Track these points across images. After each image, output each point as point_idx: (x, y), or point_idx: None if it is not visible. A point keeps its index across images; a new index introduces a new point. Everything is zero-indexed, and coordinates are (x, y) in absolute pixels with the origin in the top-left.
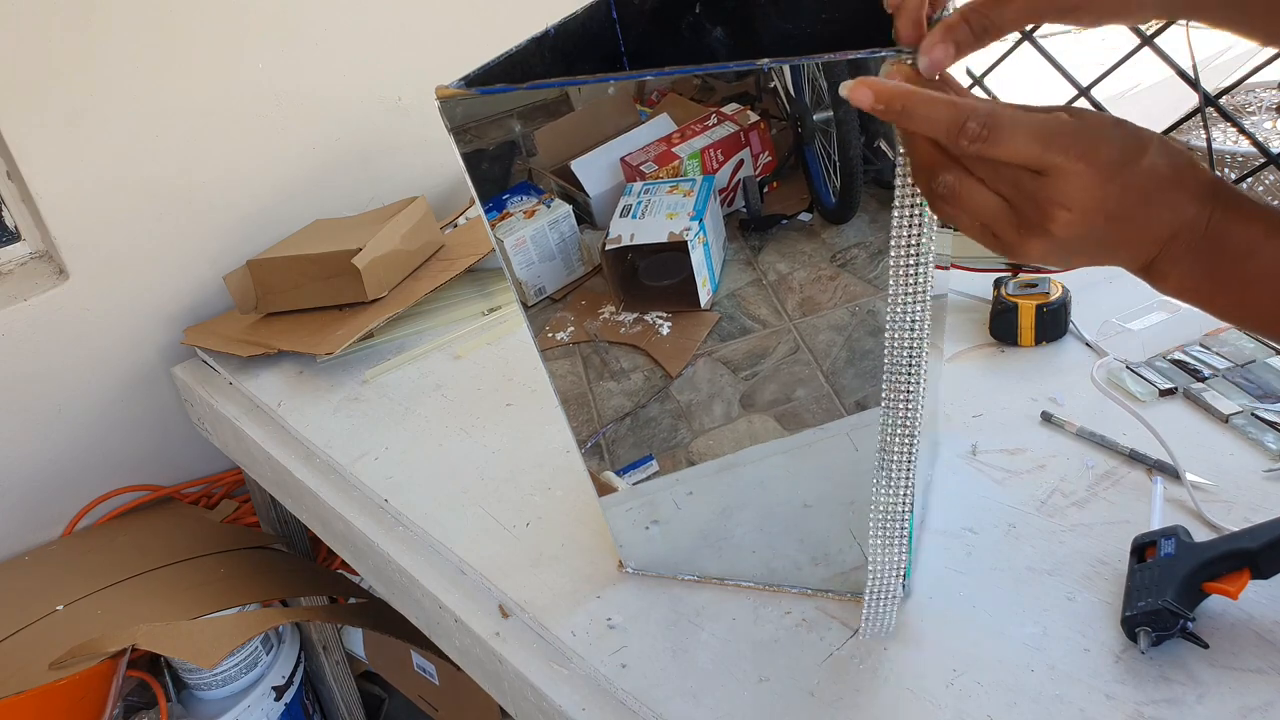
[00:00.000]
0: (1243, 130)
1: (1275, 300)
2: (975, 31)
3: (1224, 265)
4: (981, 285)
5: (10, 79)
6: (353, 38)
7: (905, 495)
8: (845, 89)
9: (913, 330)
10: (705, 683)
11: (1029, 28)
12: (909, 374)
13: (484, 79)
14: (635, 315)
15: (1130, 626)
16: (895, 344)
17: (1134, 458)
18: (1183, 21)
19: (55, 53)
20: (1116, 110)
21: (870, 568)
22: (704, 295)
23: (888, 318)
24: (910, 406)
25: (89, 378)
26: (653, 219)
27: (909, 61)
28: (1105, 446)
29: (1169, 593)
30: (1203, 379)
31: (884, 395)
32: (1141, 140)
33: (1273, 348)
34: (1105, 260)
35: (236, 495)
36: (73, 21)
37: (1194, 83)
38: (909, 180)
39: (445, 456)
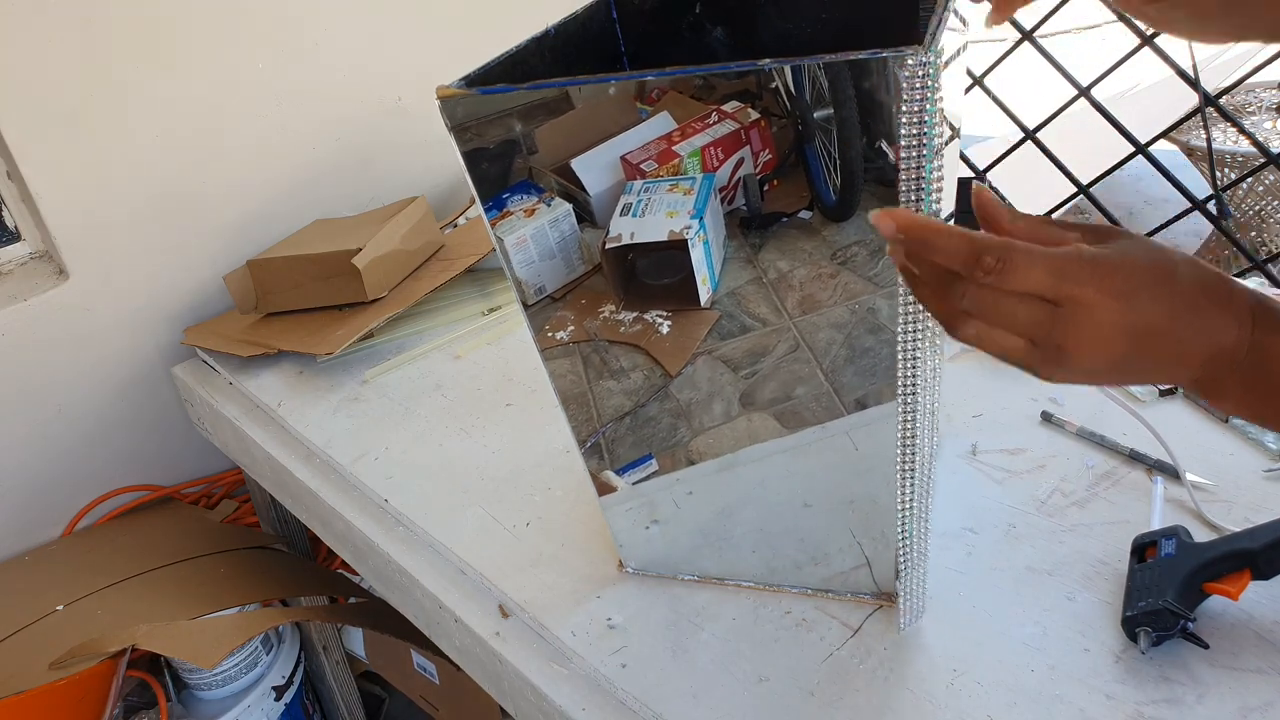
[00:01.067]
0: (1243, 130)
1: None
2: None
3: (1268, 382)
4: None
5: (10, 79)
6: (353, 38)
7: (928, 489)
8: (873, 217)
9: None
10: (705, 683)
11: (1029, 28)
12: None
13: (484, 79)
14: (635, 314)
15: (1130, 626)
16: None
17: (1134, 458)
18: None
19: (55, 53)
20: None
21: (901, 561)
22: (704, 294)
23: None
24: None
25: (89, 377)
26: (653, 217)
27: (910, 62)
28: (1105, 446)
29: (1169, 593)
30: None
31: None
32: (1167, 263)
33: None
34: (1144, 381)
35: (236, 495)
36: (73, 21)
37: (1194, 83)
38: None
39: (445, 456)
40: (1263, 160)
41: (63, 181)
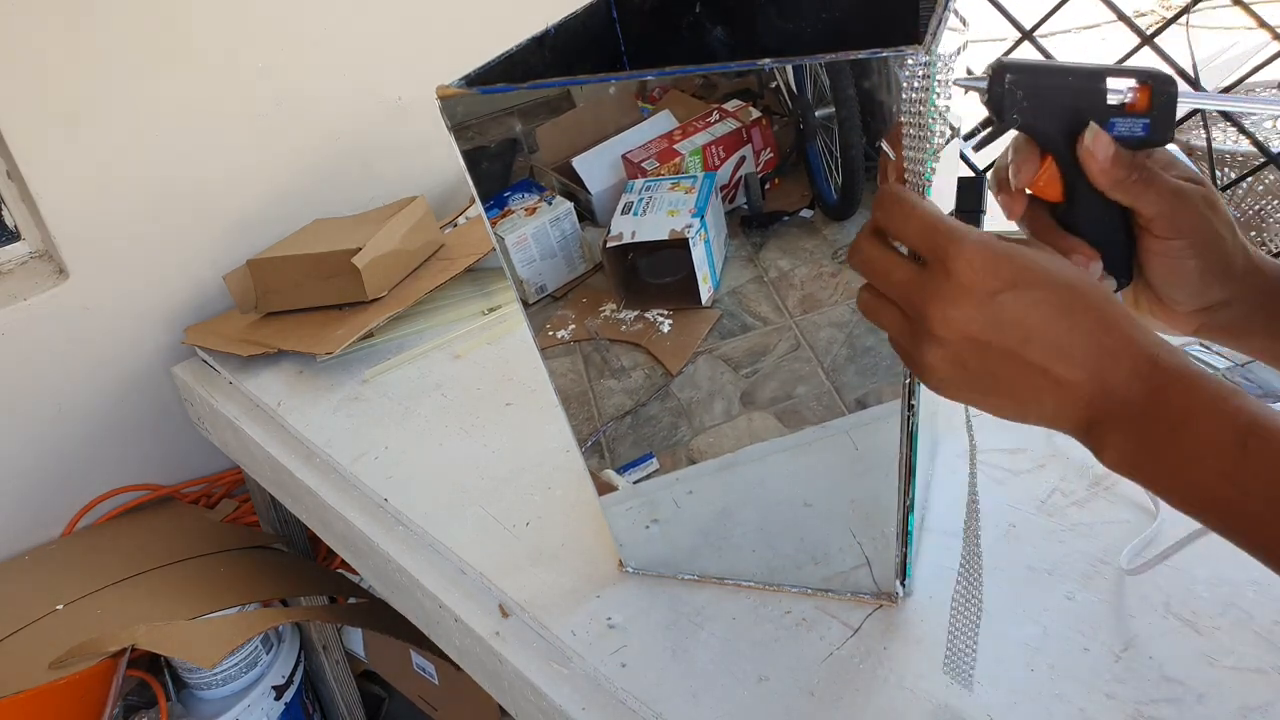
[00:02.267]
0: (1243, 130)
1: (1215, 479)
2: (1119, 168)
3: (1163, 435)
4: None
5: (10, 79)
6: (353, 38)
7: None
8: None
9: None
10: (705, 682)
11: (1029, 27)
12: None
13: (484, 78)
14: (636, 313)
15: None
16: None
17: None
18: (1183, 21)
19: (55, 53)
20: None
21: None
22: (705, 292)
23: None
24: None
25: (89, 377)
26: (654, 216)
27: (910, 62)
28: None
29: None
30: None
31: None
32: (1074, 281)
33: None
34: (1025, 407)
35: (236, 495)
36: (73, 21)
37: (1194, 82)
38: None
39: (445, 456)
40: (1263, 160)
41: (63, 181)
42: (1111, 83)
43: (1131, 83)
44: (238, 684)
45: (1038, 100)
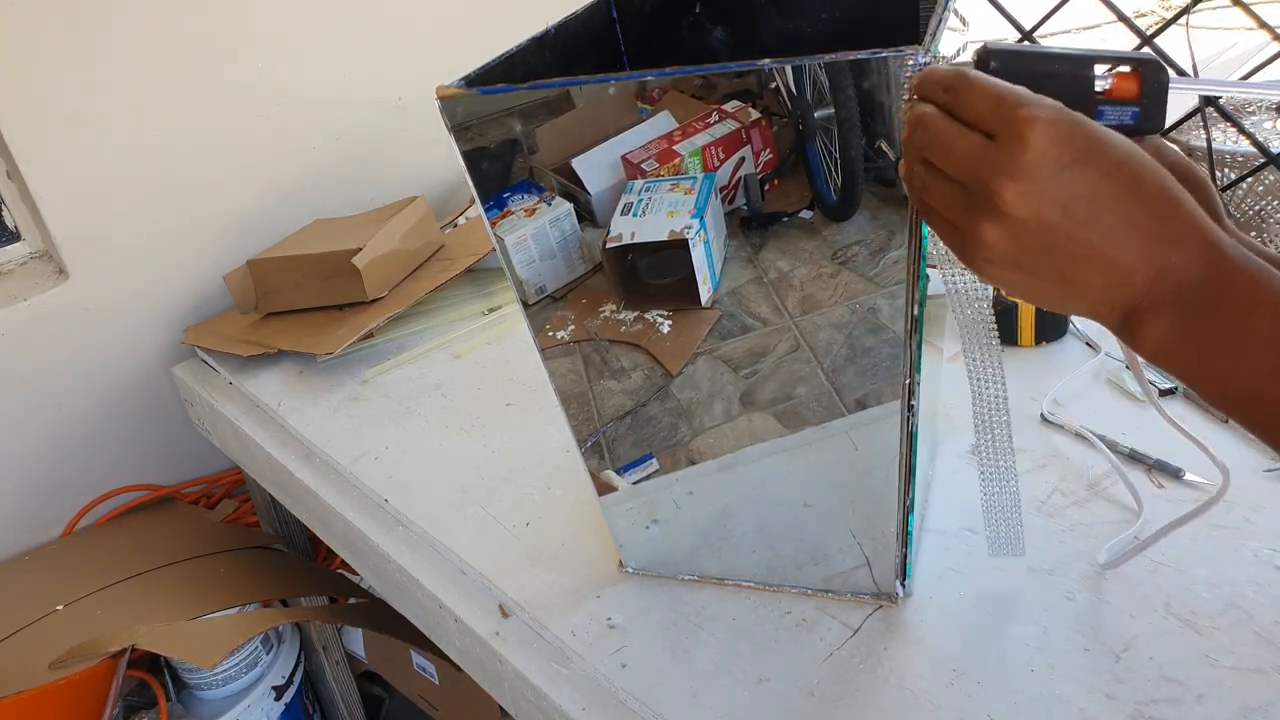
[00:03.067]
0: (1243, 130)
1: (1266, 375)
2: None
3: (1218, 324)
4: None
5: (10, 79)
6: (353, 38)
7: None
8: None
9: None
10: (705, 683)
11: (1029, 27)
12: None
13: (484, 78)
14: (636, 313)
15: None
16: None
17: (1134, 458)
18: (1183, 21)
19: (55, 53)
20: None
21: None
22: (704, 293)
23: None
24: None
25: (89, 378)
26: (653, 217)
27: (910, 62)
28: (1105, 446)
29: None
30: None
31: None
32: (1141, 154)
33: None
34: (1072, 289)
35: (236, 495)
36: (73, 21)
37: None
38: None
39: (445, 456)
40: (1263, 160)
41: (63, 181)
42: (1100, 69)
43: (1122, 69)
44: (238, 684)
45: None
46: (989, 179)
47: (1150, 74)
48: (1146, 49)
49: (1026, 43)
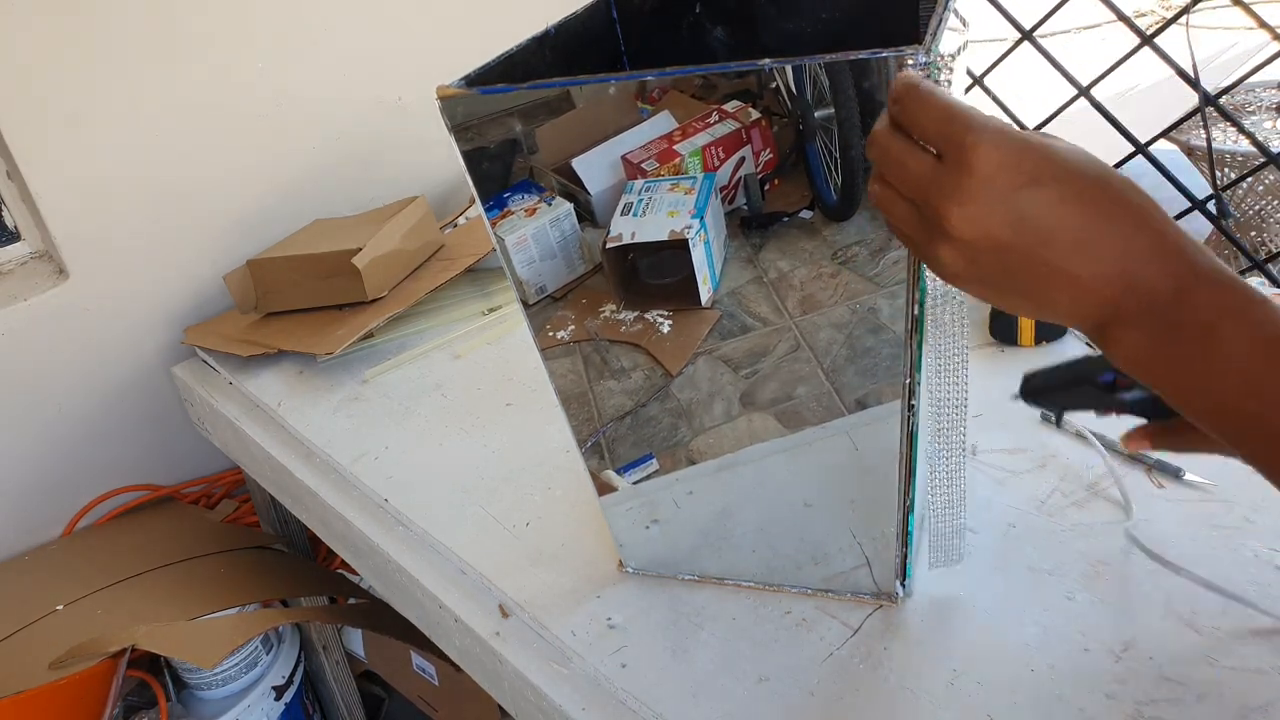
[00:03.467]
0: (1243, 130)
1: (1238, 390)
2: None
3: (1186, 341)
4: None
5: (10, 79)
6: (353, 38)
7: (928, 489)
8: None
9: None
10: (705, 683)
11: (1029, 27)
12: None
13: (484, 78)
14: (636, 313)
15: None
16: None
17: (1134, 458)
18: (1183, 21)
19: (55, 53)
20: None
21: (931, 494)
22: (704, 293)
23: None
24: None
25: (89, 378)
26: (653, 217)
27: (910, 62)
28: (1105, 446)
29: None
30: None
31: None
32: (1098, 169)
33: None
34: (1039, 304)
35: (236, 495)
36: (73, 21)
37: (1194, 82)
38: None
39: (445, 456)
40: (1263, 160)
41: (63, 181)
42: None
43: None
44: (238, 684)
45: (1066, 403)
46: (937, 203)
47: None
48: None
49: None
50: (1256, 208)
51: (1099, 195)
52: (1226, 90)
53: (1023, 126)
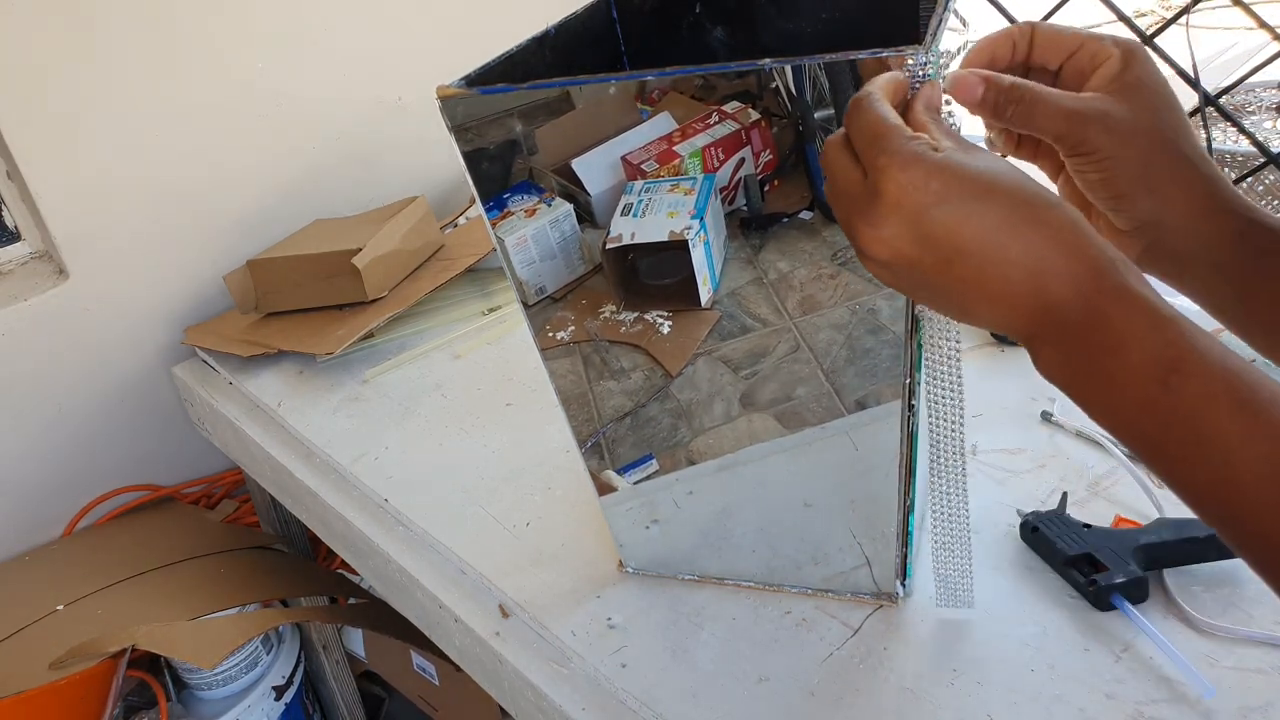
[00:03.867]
0: (1243, 130)
1: (1138, 411)
2: (995, 104)
3: (1090, 357)
4: None
5: (10, 79)
6: (353, 38)
7: (928, 489)
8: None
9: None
10: (705, 683)
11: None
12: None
13: (485, 78)
14: (635, 314)
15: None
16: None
17: (1134, 458)
18: (1183, 21)
19: (55, 52)
20: None
21: (934, 541)
22: (704, 294)
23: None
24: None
25: (89, 378)
26: (653, 218)
27: (910, 62)
28: (1105, 446)
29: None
30: None
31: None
32: (1017, 183)
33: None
34: (966, 315)
35: (236, 495)
36: (73, 21)
37: (1194, 82)
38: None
39: (445, 456)
40: (1263, 160)
41: (63, 181)
42: None
43: None
44: (238, 684)
45: None
46: (851, 220)
47: None
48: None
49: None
50: None
51: (1011, 213)
52: (1226, 90)
53: None
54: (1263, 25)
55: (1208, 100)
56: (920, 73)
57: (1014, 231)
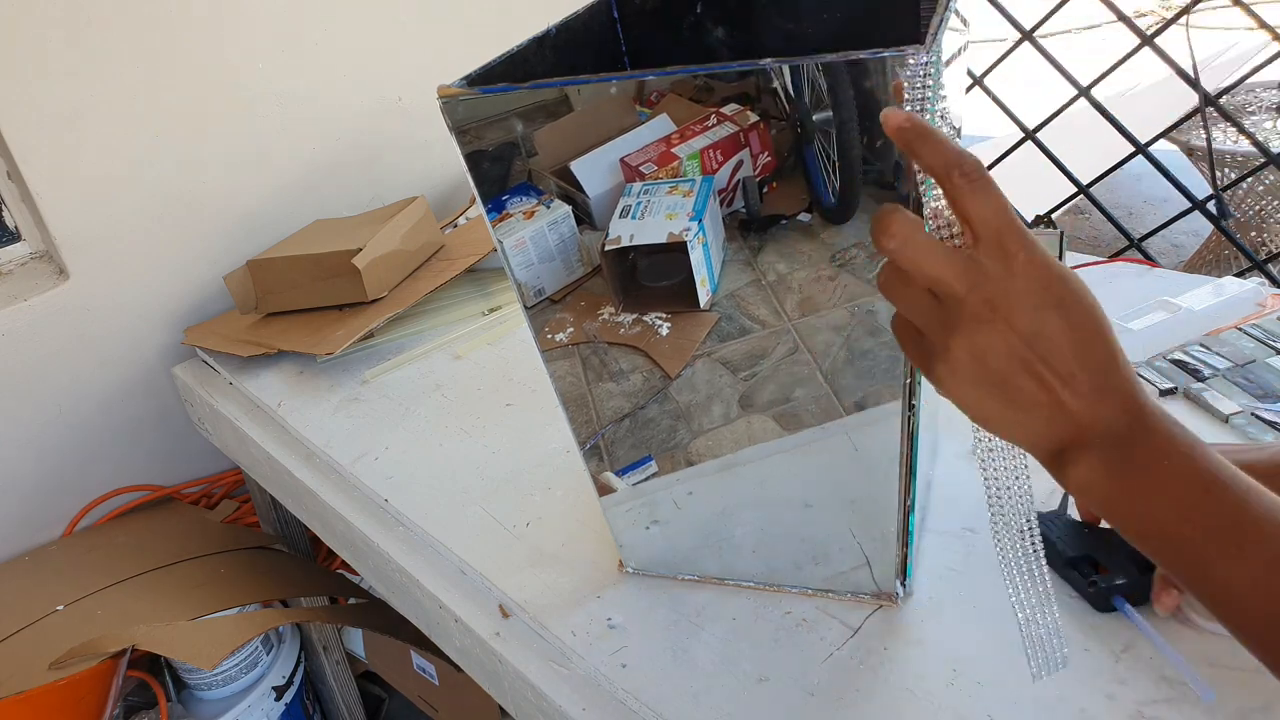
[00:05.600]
0: (1243, 130)
1: (1176, 517)
2: None
3: (1135, 469)
4: None
5: (10, 79)
6: (353, 38)
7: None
8: (884, 113)
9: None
10: (705, 683)
11: (1029, 27)
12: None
13: (485, 78)
14: (634, 316)
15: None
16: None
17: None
18: (1183, 21)
19: (55, 52)
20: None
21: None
22: (703, 296)
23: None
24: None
25: (89, 377)
26: (652, 219)
27: (911, 57)
28: None
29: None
30: (1203, 379)
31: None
32: (1093, 301)
33: (1272, 347)
34: (1018, 417)
35: (236, 495)
36: (73, 21)
37: (1194, 82)
38: None
39: (445, 456)
40: (1263, 160)
41: (63, 181)
42: None
43: None
44: (238, 684)
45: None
46: (971, 291)
47: None
48: (1155, 60)
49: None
50: (1256, 208)
51: (1097, 331)
52: (1226, 90)
53: (1023, 127)
54: (1263, 25)
55: (1208, 100)
56: (922, 72)
57: (1094, 349)
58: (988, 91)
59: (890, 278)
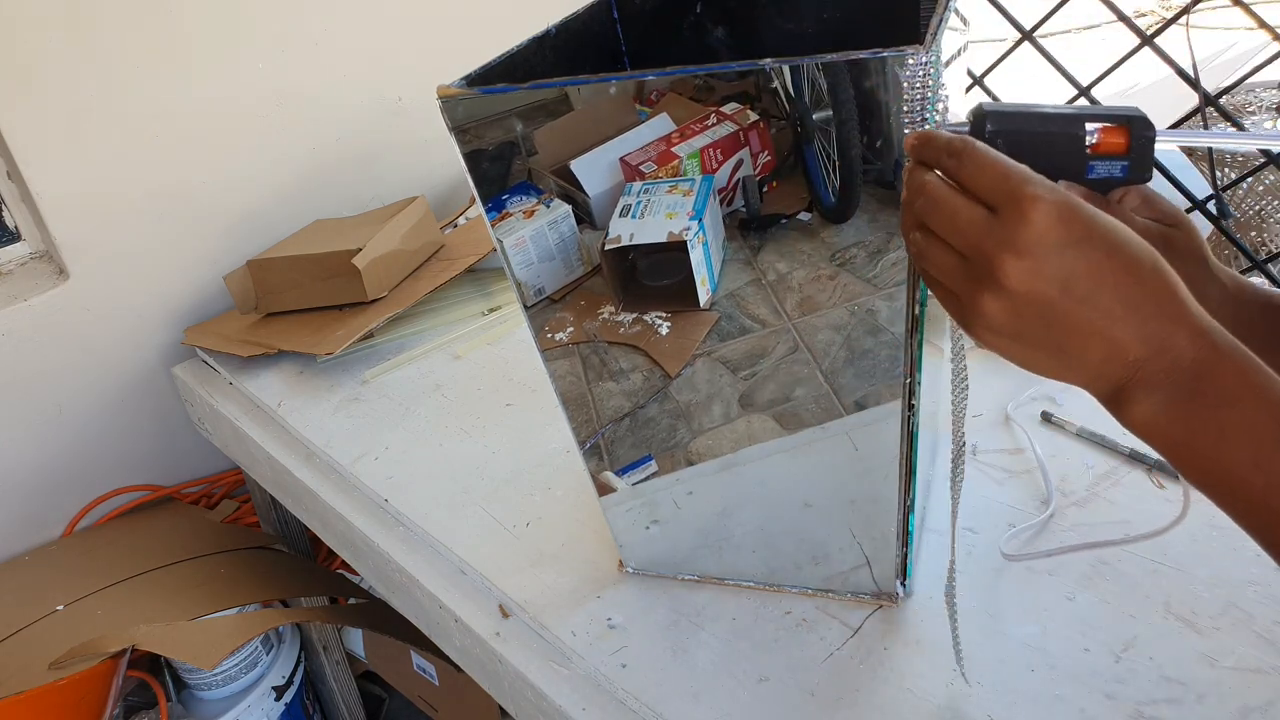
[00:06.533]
0: (1243, 130)
1: (1246, 464)
2: None
3: (1203, 409)
4: None
5: (11, 79)
6: (353, 38)
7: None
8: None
9: None
10: (705, 683)
11: (1029, 27)
12: None
13: (485, 78)
14: (634, 315)
15: None
16: None
17: (1134, 458)
18: (1183, 21)
19: (55, 52)
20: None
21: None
22: (703, 295)
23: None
24: None
25: (89, 378)
26: (652, 219)
27: (911, 57)
28: (1105, 446)
29: None
30: None
31: None
32: (1135, 237)
33: None
34: (1068, 361)
35: (236, 495)
36: (73, 21)
37: (1194, 82)
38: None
39: (445, 456)
40: (1263, 160)
41: (63, 181)
42: (1090, 126)
43: (1110, 125)
44: (238, 684)
45: (1019, 148)
46: (992, 252)
47: (1136, 129)
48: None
49: (1019, 102)
50: (1256, 208)
51: (1138, 263)
52: (1226, 90)
53: None
54: (1263, 25)
55: (1208, 100)
56: (921, 72)
57: (1139, 282)
58: (987, 91)
59: (921, 245)
